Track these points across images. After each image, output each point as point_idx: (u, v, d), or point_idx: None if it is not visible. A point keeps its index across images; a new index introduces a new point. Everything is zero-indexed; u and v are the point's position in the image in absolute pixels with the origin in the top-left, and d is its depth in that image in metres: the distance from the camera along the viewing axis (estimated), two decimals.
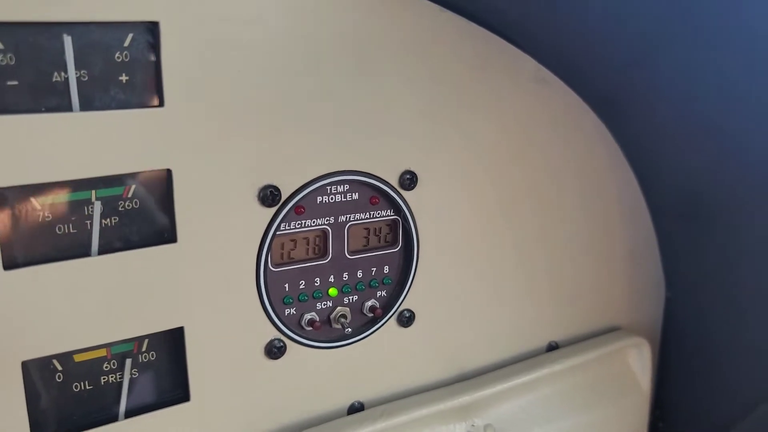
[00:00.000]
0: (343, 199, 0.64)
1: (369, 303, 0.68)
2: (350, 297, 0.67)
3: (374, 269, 0.67)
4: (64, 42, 0.49)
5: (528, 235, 0.76)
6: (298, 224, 0.62)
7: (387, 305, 0.69)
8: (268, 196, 0.59)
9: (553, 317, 0.81)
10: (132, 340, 0.57)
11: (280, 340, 0.63)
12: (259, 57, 0.56)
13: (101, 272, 0.53)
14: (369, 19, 0.60)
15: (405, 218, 0.67)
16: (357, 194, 0.64)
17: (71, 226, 0.52)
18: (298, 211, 0.61)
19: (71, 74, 0.49)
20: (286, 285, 0.63)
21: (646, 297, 0.88)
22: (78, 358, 0.55)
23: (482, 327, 0.75)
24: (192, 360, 0.58)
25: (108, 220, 0.54)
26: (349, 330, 0.66)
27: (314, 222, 0.63)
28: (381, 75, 0.62)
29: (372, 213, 0.66)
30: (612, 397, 0.81)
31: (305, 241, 0.63)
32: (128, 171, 0.53)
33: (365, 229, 0.66)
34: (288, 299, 0.63)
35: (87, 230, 0.53)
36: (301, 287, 0.64)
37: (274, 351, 0.62)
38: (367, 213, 0.66)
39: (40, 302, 0.51)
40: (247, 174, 0.58)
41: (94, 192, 0.53)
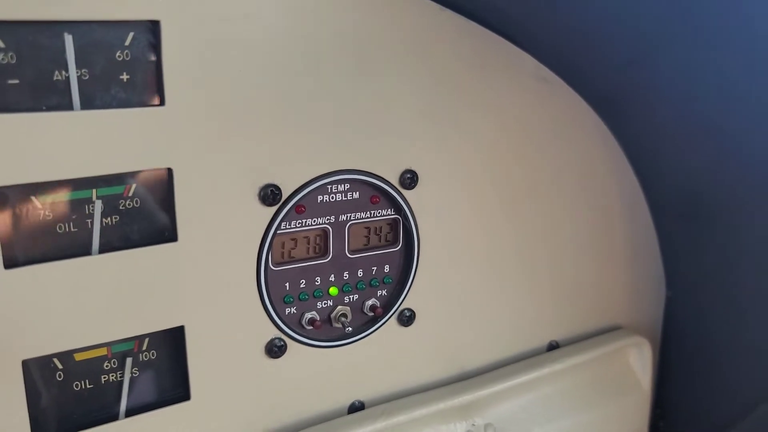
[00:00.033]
0: (344, 199, 0.64)
1: (369, 302, 0.68)
2: (351, 296, 0.67)
3: (375, 268, 0.67)
4: (65, 41, 0.49)
5: (528, 234, 0.76)
6: (299, 223, 0.62)
7: (387, 304, 0.69)
8: (269, 195, 0.59)
9: (554, 316, 0.80)
10: (132, 339, 0.57)
11: (281, 339, 0.63)
12: (260, 56, 0.56)
13: (102, 271, 0.53)
14: (369, 19, 0.60)
15: (405, 217, 0.67)
16: (357, 193, 0.64)
17: (72, 225, 0.52)
18: (299, 211, 0.61)
19: (72, 73, 0.49)
20: (287, 284, 0.63)
21: (647, 296, 0.88)
22: (78, 357, 0.55)
23: (483, 326, 0.75)
24: (192, 359, 0.58)
25: (109, 219, 0.54)
26: (350, 329, 0.66)
27: (315, 221, 0.63)
28: (381, 74, 0.62)
29: (372, 212, 0.66)
30: (612, 397, 0.81)
31: (306, 240, 0.63)
32: (129, 170, 0.53)
33: (366, 228, 0.66)
34: (288, 298, 0.63)
35: (87, 229, 0.53)
36: (302, 286, 0.64)
37: (275, 350, 0.62)
38: (368, 212, 0.66)
39: (41, 301, 0.51)
40: (248, 173, 0.58)
41: (95, 191, 0.53)
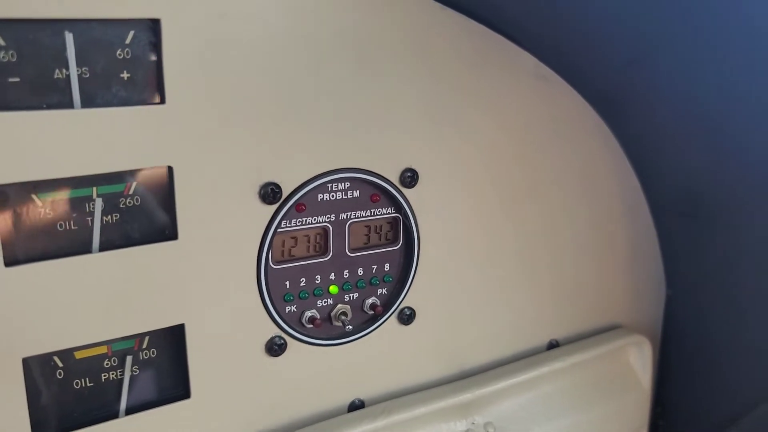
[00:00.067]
0: (344, 197, 0.64)
1: (370, 300, 0.68)
2: (351, 294, 0.67)
3: (375, 267, 0.67)
4: (66, 39, 0.49)
5: (528, 233, 0.76)
6: (299, 222, 0.62)
7: (388, 303, 0.69)
8: (269, 194, 0.59)
9: (554, 315, 0.80)
10: (133, 337, 0.57)
11: (281, 338, 0.63)
12: (260, 55, 0.56)
13: (102, 269, 0.53)
14: (369, 17, 0.60)
15: (406, 216, 0.67)
16: (358, 192, 0.64)
17: (72, 223, 0.52)
18: (299, 209, 0.61)
19: (72, 71, 0.49)
20: (287, 282, 0.63)
21: (647, 295, 0.88)
22: (79, 355, 0.55)
23: (483, 325, 0.75)
24: (192, 357, 0.58)
25: (109, 217, 0.54)
26: (350, 327, 0.66)
27: (315, 219, 0.63)
28: (381, 73, 0.62)
29: (373, 211, 0.66)
30: (612, 395, 0.81)
31: (306, 239, 0.63)
32: (129, 168, 0.53)
33: (366, 227, 0.66)
34: (289, 297, 0.63)
35: (88, 227, 0.53)
36: (302, 285, 0.64)
37: (275, 348, 0.62)
38: (368, 211, 0.66)
39: (41, 299, 0.51)
40: (248, 171, 0.58)
41: (95, 189, 0.53)
